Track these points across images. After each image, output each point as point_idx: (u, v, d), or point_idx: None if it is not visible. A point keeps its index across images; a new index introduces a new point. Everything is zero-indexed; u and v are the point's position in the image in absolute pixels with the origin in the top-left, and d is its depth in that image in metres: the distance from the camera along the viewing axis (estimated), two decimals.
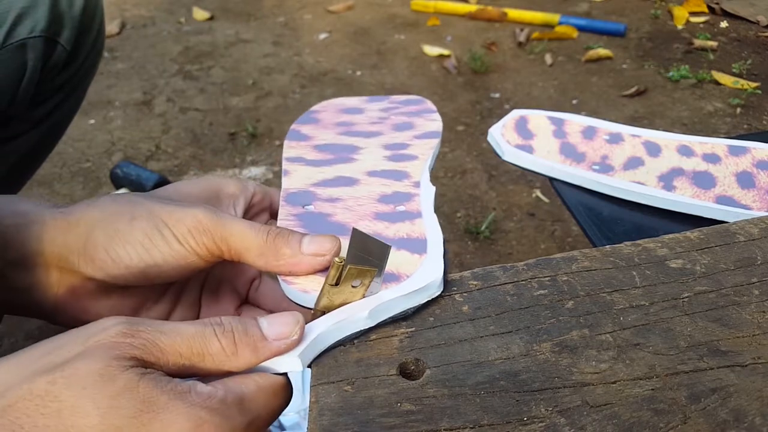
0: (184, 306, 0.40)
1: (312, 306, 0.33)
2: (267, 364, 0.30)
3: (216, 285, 0.42)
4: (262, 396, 0.29)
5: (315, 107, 0.57)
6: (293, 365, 0.30)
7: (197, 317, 0.41)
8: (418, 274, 0.34)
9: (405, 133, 0.50)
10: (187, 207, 0.34)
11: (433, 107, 0.56)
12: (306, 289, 0.33)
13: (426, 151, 0.47)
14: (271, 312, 0.34)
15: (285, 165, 0.45)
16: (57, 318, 0.36)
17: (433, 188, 0.42)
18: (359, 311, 0.31)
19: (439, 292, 0.34)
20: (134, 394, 0.25)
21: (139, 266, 0.34)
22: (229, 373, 0.29)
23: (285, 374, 0.30)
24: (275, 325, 0.30)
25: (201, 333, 0.28)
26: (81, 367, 0.25)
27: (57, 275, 0.35)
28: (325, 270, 0.34)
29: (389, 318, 0.32)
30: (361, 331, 0.32)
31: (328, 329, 0.31)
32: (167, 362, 0.28)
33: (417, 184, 0.42)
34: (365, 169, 0.44)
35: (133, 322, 0.28)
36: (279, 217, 0.39)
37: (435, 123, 0.52)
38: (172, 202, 0.35)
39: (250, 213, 0.42)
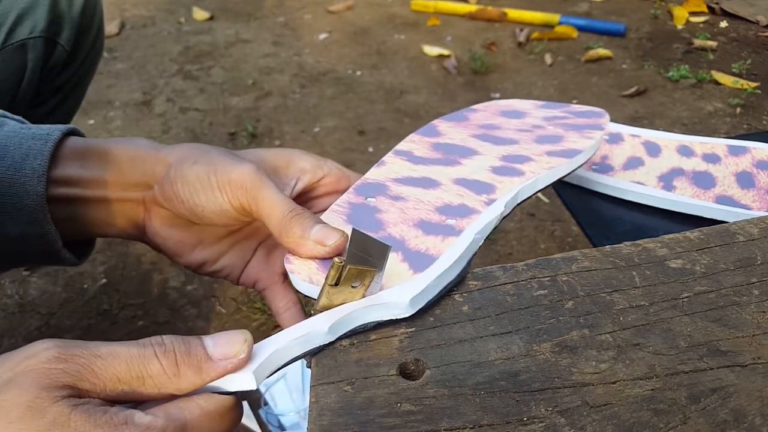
0: (237, 254, 0.43)
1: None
2: (217, 382, 0.29)
3: (273, 244, 0.43)
4: (206, 421, 0.27)
5: (477, 106, 0.54)
6: (246, 383, 0.29)
7: (244, 266, 0.43)
8: (392, 289, 0.33)
9: (541, 146, 0.46)
10: (240, 163, 0.37)
11: (604, 123, 0.50)
12: (312, 280, 0.33)
13: (540, 169, 0.42)
14: None
15: (387, 156, 0.45)
16: (144, 238, 0.41)
17: (500, 211, 0.38)
18: (319, 326, 0.30)
19: (407, 314, 0.32)
20: (65, 430, 0.24)
21: (190, 205, 0.38)
22: (172, 397, 0.28)
23: (234, 393, 0.29)
24: (221, 345, 0.29)
25: (140, 354, 0.27)
26: (9, 398, 0.24)
27: (147, 201, 0.40)
28: (325, 259, 0.35)
29: (349, 332, 0.31)
30: (322, 345, 0.31)
31: (286, 345, 0.30)
32: (104, 388, 0.26)
33: (490, 202, 0.39)
34: (458, 176, 0.42)
35: (67, 345, 0.26)
36: (336, 202, 0.39)
37: (586, 141, 0.46)
38: (233, 157, 0.38)
39: (315, 192, 0.43)
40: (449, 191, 0.40)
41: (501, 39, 1.92)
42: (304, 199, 0.43)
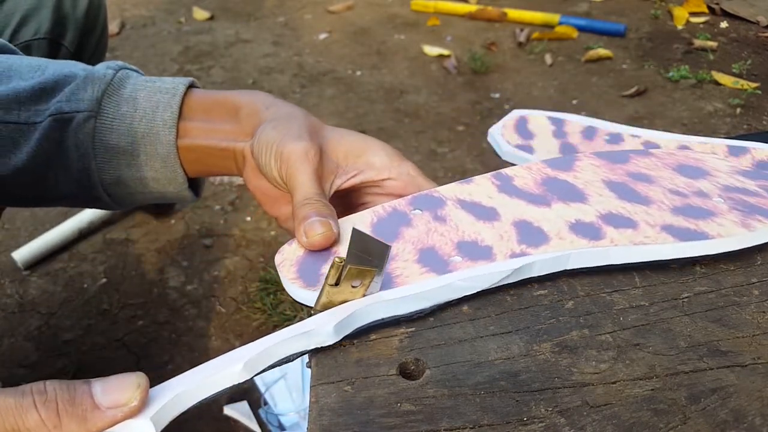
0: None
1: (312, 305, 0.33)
2: (110, 430, 0.26)
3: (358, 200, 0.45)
4: None
5: (657, 151, 0.46)
6: (143, 430, 0.26)
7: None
8: (317, 316, 0.31)
9: (668, 216, 0.38)
10: (299, 140, 0.39)
11: None
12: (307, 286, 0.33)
13: (624, 240, 0.36)
14: None
15: (480, 176, 0.42)
16: (245, 182, 0.45)
17: (505, 269, 0.34)
18: (231, 365, 0.28)
19: (332, 341, 0.31)
20: None
21: (259, 164, 0.41)
22: None
23: None
24: (110, 391, 0.26)
25: (17, 405, 0.25)
26: None
27: (246, 150, 0.43)
28: (316, 253, 0.35)
29: (268, 367, 0.30)
30: (236, 384, 0.29)
31: (194, 386, 0.27)
32: None
33: (517, 255, 0.35)
34: (527, 217, 0.38)
35: None
36: (385, 204, 0.39)
37: (736, 228, 0.37)
38: (303, 131, 0.40)
39: (379, 189, 0.43)
40: (495, 229, 0.37)
41: (501, 39, 1.92)
42: (362, 193, 0.43)
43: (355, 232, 0.30)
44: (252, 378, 0.29)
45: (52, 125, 0.42)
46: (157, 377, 0.27)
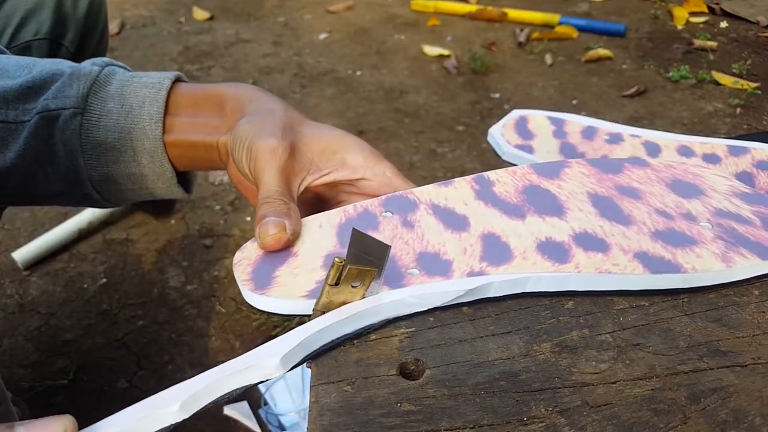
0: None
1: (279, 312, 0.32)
2: None
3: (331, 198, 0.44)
4: None
5: (656, 162, 0.44)
6: None
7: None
8: (259, 349, 0.29)
9: (646, 242, 0.36)
10: (271, 136, 0.39)
11: None
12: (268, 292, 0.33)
13: (590, 267, 0.34)
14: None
15: (460, 178, 0.41)
16: (229, 175, 0.45)
17: (459, 288, 0.33)
18: (167, 404, 0.27)
19: (279, 374, 0.29)
20: None
21: (234, 157, 0.41)
22: None
23: None
24: None
25: None
26: None
27: (229, 143, 0.43)
28: (272, 253, 0.35)
29: (209, 404, 0.28)
30: (174, 424, 0.27)
31: (127, 429, 0.26)
32: None
33: (476, 274, 0.34)
34: (496, 230, 0.37)
35: None
36: (357, 203, 0.39)
37: (714, 262, 0.35)
38: (277, 127, 0.40)
39: (353, 188, 0.42)
40: (461, 241, 0.36)
41: (501, 39, 1.92)
42: (338, 191, 0.43)
43: (355, 232, 0.30)
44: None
45: (39, 123, 0.42)
46: (157, 377, 0.27)
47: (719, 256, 0.35)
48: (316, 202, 0.43)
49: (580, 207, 0.39)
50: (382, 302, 0.32)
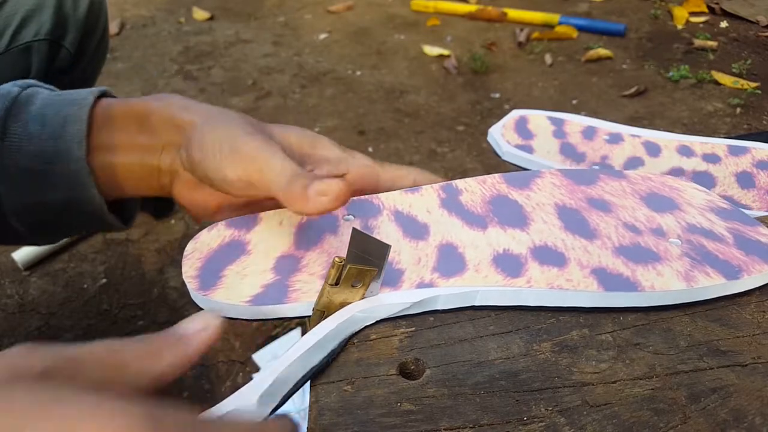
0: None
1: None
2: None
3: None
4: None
5: (633, 173, 0.43)
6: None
7: None
8: (234, 395, 0.27)
9: (606, 257, 0.35)
10: (253, 135, 0.36)
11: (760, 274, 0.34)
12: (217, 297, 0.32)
13: (541, 282, 0.33)
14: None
15: (430, 186, 0.40)
16: (173, 198, 0.41)
17: (406, 301, 0.32)
18: None
19: (259, 417, 0.27)
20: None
21: (203, 169, 0.37)
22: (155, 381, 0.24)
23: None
24: (190, 322, 0.26)
25: (116, 341, 0.25)
26: None
27: (173, 163, 0.40)
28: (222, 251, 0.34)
29: None
30: None
31: None
32: (85, 376, 0.24)
33: (422, 284, 0.33)
34: (454, 241, 0.36)
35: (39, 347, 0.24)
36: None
37: (674, 281, 0.33)
38: (251, 128, 0.37)
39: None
40: (417, 250, 0.35)
41: (501, 39, 1.92)
42: None
43: (356, 232, 0.30)
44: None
45: None
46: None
47: (682, 274, 0.34)
48: None
49: (545, 219, 0.38)
50: (339, 321, 0.30)
